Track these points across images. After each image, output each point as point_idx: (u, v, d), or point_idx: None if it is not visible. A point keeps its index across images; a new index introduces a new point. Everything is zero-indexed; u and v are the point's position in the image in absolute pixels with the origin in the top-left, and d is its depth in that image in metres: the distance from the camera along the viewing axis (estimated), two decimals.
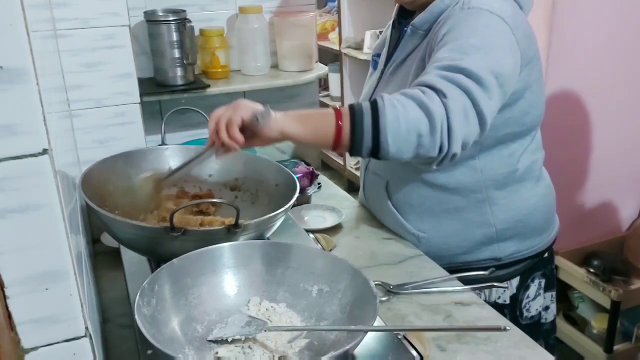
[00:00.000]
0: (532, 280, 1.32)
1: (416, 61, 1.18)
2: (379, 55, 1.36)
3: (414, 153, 0.99)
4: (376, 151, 0.99)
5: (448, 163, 1.04)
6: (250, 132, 0.97)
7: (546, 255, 1.34)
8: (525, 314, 1.33)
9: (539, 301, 1.35)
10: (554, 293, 1.39)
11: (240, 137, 0.97)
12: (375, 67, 1.37)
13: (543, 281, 1.34)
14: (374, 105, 0.98)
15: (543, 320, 1.37)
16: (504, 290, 1.27)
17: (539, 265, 1.33)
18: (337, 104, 3.83)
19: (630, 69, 2.18)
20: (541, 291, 1.35)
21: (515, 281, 1.30)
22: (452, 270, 1.23)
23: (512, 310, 1.30)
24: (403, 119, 0.96)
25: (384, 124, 0.97)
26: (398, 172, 1.28)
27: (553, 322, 1.41)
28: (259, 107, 0.98)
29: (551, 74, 2.07)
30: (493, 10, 1.08)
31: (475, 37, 1.05)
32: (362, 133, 0.98)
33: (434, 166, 1.05)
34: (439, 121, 0.96)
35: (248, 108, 0.98)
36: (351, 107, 1.00)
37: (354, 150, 1.00)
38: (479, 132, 1.02)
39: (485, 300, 1.18)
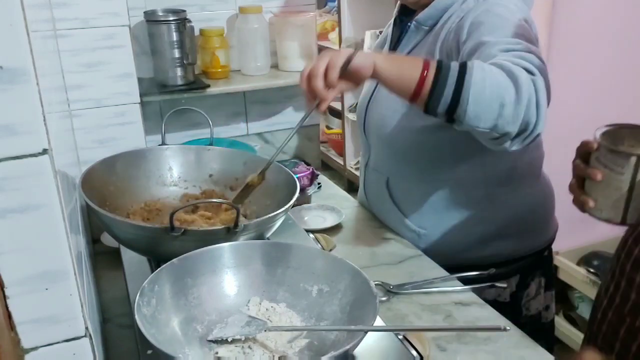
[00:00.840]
0: (532, 279, 1.33)
1: (423, 55, 1.18)
2: None
3: (492, 123, 0.92)
4: (453, 110, 0.93)
5: (527, 143, 0.97)
6: (342, 72, 0.95)
7: (546, 253, 1.35)
8: (524, 312, 1.33)
9: (540, 300, 1.35)
10: (553, 292, 1.39)
11: (336, 81, 0.94)
12: None
13: (543, 280, 1.35)
14: (463, 65, 0.93)
15: (544, 320, 1.37)
16: (505, 289, 1.27)
17: (538, 263, 1.33)
18: (338, 104, 3.83)
19: (631, 69, 2.18)
20: (542, 290, 1.35)
21: (515, 279, 1.30)
22: (452, 268, 1.23)
23: (512, 308, 1.30)
24: (490, 83, 0.91)
25: (468, 81, 0.91)
26: (399, 168, 1.29)
27: (552, 321, 1.41)
28: (346, 51, 0.96)
29: (551, 74, 2.06)
30: (508, 4, 1.09)
31: (513, 22, 1.04)
32: (444, 85, 0.92)
33: (513, 146, 0.98)
34: (526, 95, 0.91)
35: (342, 52, 0.96)
36: (440, 61, 0.95)
37: (431, 103, 0.94)
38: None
39: (485, 299, 1.18)
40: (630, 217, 0.89)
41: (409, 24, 1.24)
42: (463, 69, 0.92)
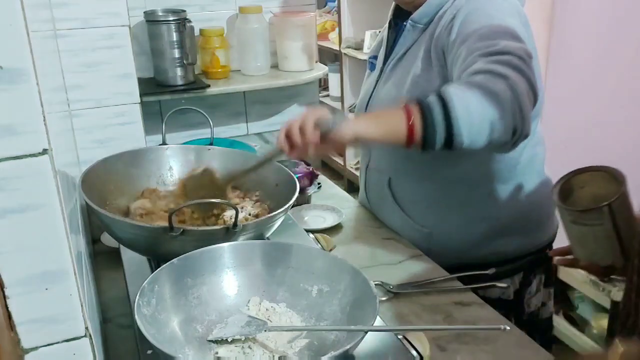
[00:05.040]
0: (534, 276, 1.33)
1: (421, 53, 1.19)
2: (375, 57, 1.37)
3: (487, 140, 0.96)
4: (450, 144, 0.96)
5: (519, 143, 1.01)
6: (323, 137, 0.94)
7: (548, 250, 1.35)
8: (526, 309, 1.33)
9: (539, 297, 1.35)
10: (552, 290, 1.39)
11: (314, 136, 0.94)
12: (372, 69, 1.38)
13: (543, 277, 1.35)
14: (442, 100, 0.95)
15: (541, 317, 1.37)
16: (507, 287, 1.27)
17: (541, 260, 1.33)
18: (338, 104, 3.83)
19: (630, 69, 2.18)
20: (541, 287, 1.35)
21: (518, 277, 1.30)
22: (458, 267, 1.23)
23: (516, 306, 1.30)
24: (474, 109, 0.94)
25: (455, 117, 0.94)
26: (400, 167, 1.29)
27: (550, 319, 1.41)
28: (328, 112, 0.97)
29: (551, 74, 2.06)
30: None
31: (497, 20, 1.07)
32: (434, 131, 0.95)
33: (508, 149, 1.03)
34: (508, 107, 0.94)
35: (321, 111, 0.96)
36: (419, 103, 0.97)
37: (428, 145, 0.97)
38: (533, 108, 1.01)
39: (489, 298, 1.18)
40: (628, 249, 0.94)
41: (404, 23, 1.25)
42: (445, 106, 0.94)
